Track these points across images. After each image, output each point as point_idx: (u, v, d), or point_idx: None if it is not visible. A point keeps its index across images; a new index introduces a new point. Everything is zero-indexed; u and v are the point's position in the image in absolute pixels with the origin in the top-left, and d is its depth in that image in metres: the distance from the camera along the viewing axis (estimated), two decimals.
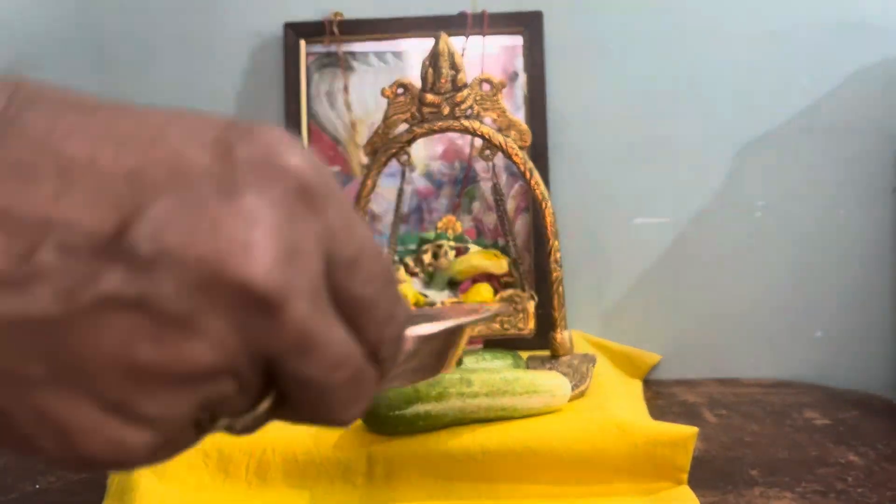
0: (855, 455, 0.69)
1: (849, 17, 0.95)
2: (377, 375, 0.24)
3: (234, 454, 0.63)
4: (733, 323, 0.98)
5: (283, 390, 0.23)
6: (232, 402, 0.22)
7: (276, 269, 0.20)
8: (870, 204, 0.96)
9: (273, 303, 0.20)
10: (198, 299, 0.20)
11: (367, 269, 0.23)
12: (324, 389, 0.22)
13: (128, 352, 0.20)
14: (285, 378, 0.22)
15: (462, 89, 0.74)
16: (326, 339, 0.22)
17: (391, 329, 0.24)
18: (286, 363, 0.21)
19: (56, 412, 0.20)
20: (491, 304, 0.31)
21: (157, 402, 0.20)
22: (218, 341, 0.20)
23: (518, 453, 0.61)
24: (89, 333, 0.20)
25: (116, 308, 0.20)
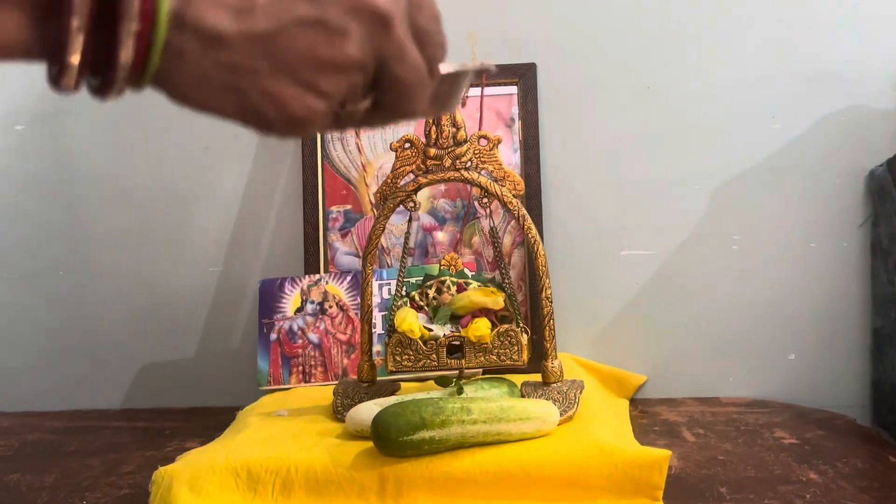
0: (815, 473, 0.76)
1: (818, 68, 1.03)
2: (431, 82, 0.38)
3: (262, 474, 0.71)
4: (713, 346, 1.06)
5: (378, 96, 0.37)
6: (356, 91, 0.36)
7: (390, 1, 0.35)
8: (839, 237, 1.04)
9: (389, 20, 0.35)
10: (351, 18, 0.34)
11: (427, 9, 0.37)
12: (407, 85, 0.37)
13: (313, 51, 0.34)
14: (386, 78, 0.36)
15: (462, 144, 0.82)
16: (411, 51, 0.36)
17: (439, 51, 0.38)
18: (390, 65, 0.36)
19: (275, 90, 0.34)
20: None
21: (329, 83, 0.34)
22: (360, 44, 0.34)
23: (513, 474, 0.69)
24: (291, 41, 0.33)
25: (305, 25, 0.33)
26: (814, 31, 1.03)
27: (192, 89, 0.34)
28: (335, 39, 0.34)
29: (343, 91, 0.35)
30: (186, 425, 0.99)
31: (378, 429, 0.69)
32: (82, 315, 1.13)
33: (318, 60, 0.34)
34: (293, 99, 0.34)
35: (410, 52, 0.36)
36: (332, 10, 0.34)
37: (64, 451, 0.92)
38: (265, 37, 0.33)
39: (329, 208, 1.06)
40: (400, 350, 0.80)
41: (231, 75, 0.33)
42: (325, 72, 0.34)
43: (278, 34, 0.33)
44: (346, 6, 0.34)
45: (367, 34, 0.34)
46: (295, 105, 0.34)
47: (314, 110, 0.35)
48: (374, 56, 0.35)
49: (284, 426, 0.81)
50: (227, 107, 0.34)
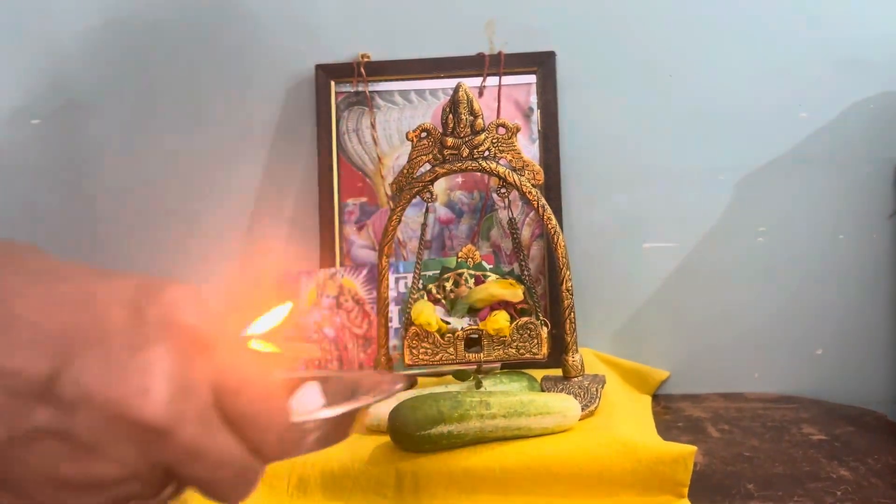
0: (846, 470, 0.74)
1: (846, 53, 1.00)
2: (262, 465, 0.31)
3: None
4: (738, 340, 1.04)
5: (181, 484, 0.30)
6: (140, 493, 0.29)
7: (168, 406, 0.27)
8: (867, 229, 1.01)
9: (164, 430, 0.28)
10: (106, 431, 0.27)
11: (249, 393, 0.30)
12: (212, 483, 0.30)
13: (52, 469, 0.27)
14: (181, 477, 0.29)
15: (480, 133, 0.80)
16: (212, 448, 0.29)
17: (271, 433, 0.31)
18: (180, 468, 0.29)
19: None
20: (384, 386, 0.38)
21: (79, 500, 0.28)
22: (122, 460, 0.28)
23: (533, 470, 0.67)
24: (25, 453, 0.27)
25: (45, 437, 0.27)
26: (842, 15, 1.00)
27: None
28: (83, 457, 0.27)
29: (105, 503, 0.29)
30: None
31: (395, 423, 0.68)
32: None
33: (58, 479, 0.27)
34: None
35: (211, 449, 0.29)
36: (82, 423, 0.27)
37: None
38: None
39: (344, 201, 1.05)
40: (417, 343, 0.79)
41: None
42: (69, 491, 0.28)
43: (8, 446, 0.27)
44: (102, 418, 0.27)
45: (135, 448, 0.28)
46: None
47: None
48: (151, 465, 0.28)
49: None
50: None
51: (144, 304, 0.29)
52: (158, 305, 0.29)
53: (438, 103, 1.03)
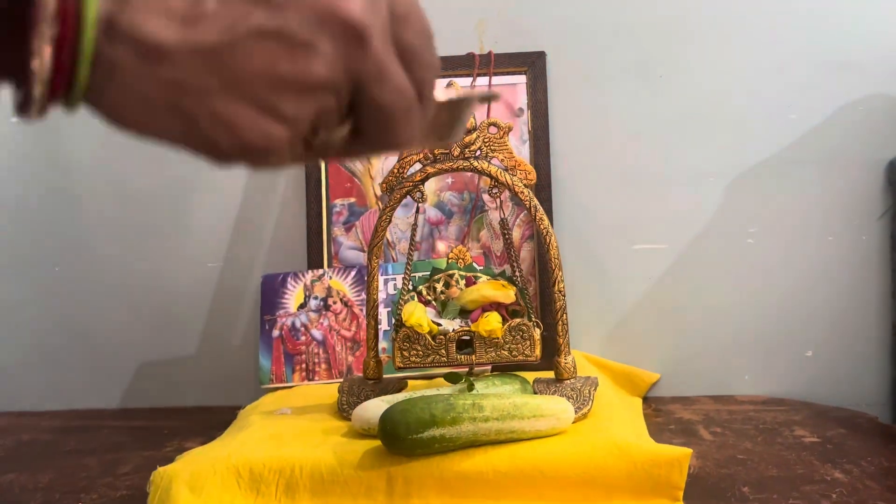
0: (840, 472, 0.74)
1: (835, 56, 1.00)
2: (422, 111, 0.33)
3: (265, 474, 0.68)
4: (728, 342, 1.03)
5: (358, 122, 0.32)
6: (330, 116, 0.31)
7: (366, 11, 0.29)
8: (857, 230, 1.01)
9: (364, 35, 0.29)
10: (316, 29, 0.29)
11: (415, 23, 0.32)
12: (390, 112, 0.31)
13: (272, 68, 0.28)
14: (364, 103, 0.31)
15: (471, 132, 0.79)
16: (394, 72, 0.31)
17: (430, 73, 0.33)
18: (367, 88, 0.30)
19: (227, 113, 0.29)
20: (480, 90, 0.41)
21: (293, 105, 0.29)
22: (329, 61, 0.29)
23: (526, 473, 0.66)
24: (245, 55, 0.28)
25: (263, 37, 0.28)
26: (831, 18, 1.00)
27: (131, 110, 0.28)
28: (298, 55, 0.28)
29: (310, 116, 0.30)
30: (186, 425, 0.96)
31: (386, 426, 0.67)
32: (79, 312, 1.10)
33: (278, 79, 0.28)
34: (249, 124, 0.29)
35: (393, 72, 0.31)
36: (294, 21, 0.28)
37: (60, 451, 0.89)
38: (215, 50, 0.28)
39: (333, 201, 1.03)
40: (408, 345, 0.77)
41: (175, 95, 0.28)
42: (287, 93, 0.29)
43: (231, 47, 0.28)
44: (312, 16, 0.28)
45: (339, 50, 0.29)
46: (251, 131, 0.29)
47: (274, 138, 0.29)
48: (347, 76, 0.30)
49: (288, 425, 0.78)
50: (171, 132, 0.29)
51: None
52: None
53: None
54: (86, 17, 0.26)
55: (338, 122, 0.31)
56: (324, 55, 0.29)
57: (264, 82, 0.28)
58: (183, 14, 0.27)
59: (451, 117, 0.37)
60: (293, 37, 0.28)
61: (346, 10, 0.29)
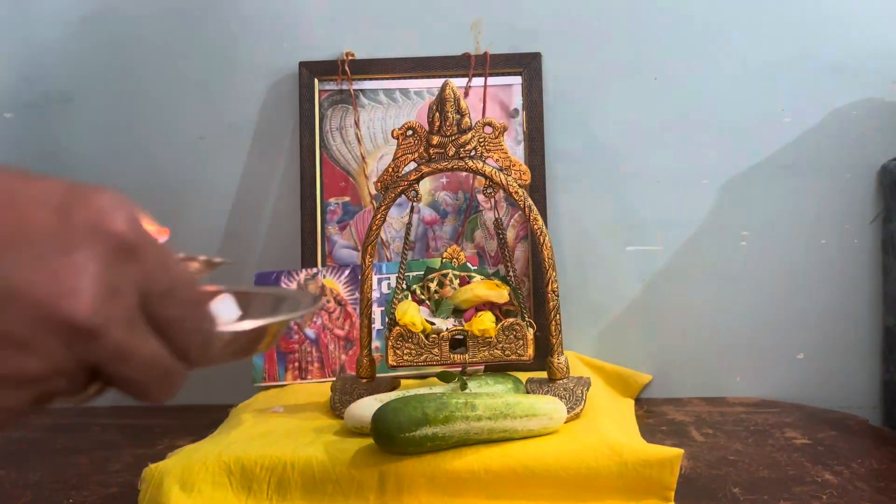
0: (831, 474, 0.74)
1: (829, 60, 1.01)
2: (186, 368, 0.32)
3: (257, 472, 0.68)
4: (720, 345, 1.04)
5: (108, 382, 0.30)
6: (65, 391, 0.29)
7: (97, 307, 0.27)
8: (849, 234, 1.02)
9: (93, 331, 0.27)
10: (36, 329, 0.27)
11: (177, 297, 0.30)
12: (140, 383, 0.30)
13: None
14: (108, 376, 0.29)
15: (466, 132, 0.79)
16: (139, 350, 0.29)
17: (197, 337, 0.31)
18: (108, 367, 0.29)
19: None
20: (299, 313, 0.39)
21: (6, 395, 0.27)
22: (50, 356, 0.27)
23: (518, 473, 0.66)
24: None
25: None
26: (825, 22, 1.01)
27: None
28: (10, 354, 0.27)
29: (31, 399, 0.28)
30: (177, 423, 0.96)
31: (378, 425, 0.67)
32: None
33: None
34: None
35: (137, 350, 0.29)
36: (9, 320, 0.26)
37: (50, 449, 0.88)
38: None
39: (327, 200, 1.03)
40: (401, 344, 0.77)
41: None
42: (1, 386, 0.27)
43: None
44: (31, 316, 0.27)
45: (63, 346, 0.27)
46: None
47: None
48: (78, 364, 0.28)
49: (280, 423, 0.78)
50: None
51: (72, 208, 0.28)
52: (86, 210, 0.28)
53: (423, 103, 1.02)
54: None
55: (78, 390, 0.30)
56: (43, 352, 0.27)
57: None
58: None
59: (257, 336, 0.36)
60: (6, 336, 0.26)
61: (72, 312, 0.27)
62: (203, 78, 1.07)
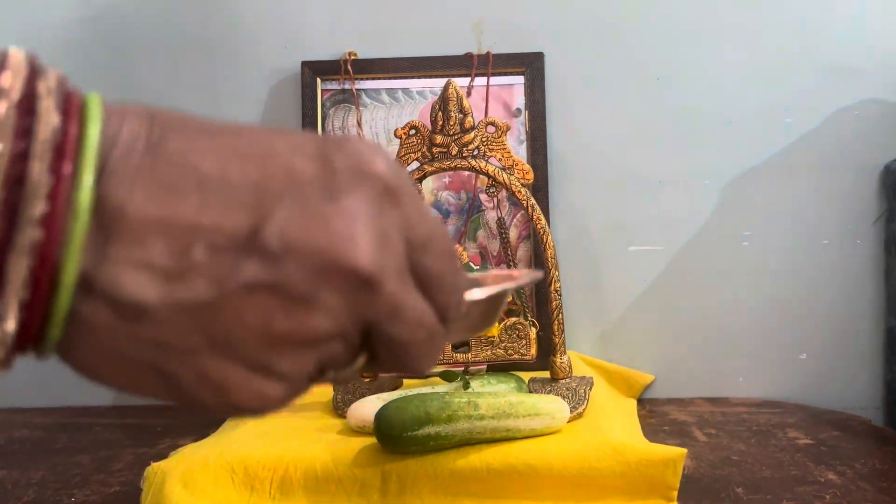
0: (834, 474, 0.74)
1: (832, 60, 1.01)
2: (444, 331, 0.30)
3: (259, 471, 0.68)
4: (722, 345, 1.04)
5: (374, 349, 0.29)
6: (339, 359, 0.28)
7: (375, 255, 0.26)
8: (851, 234, 1.02)
9: (374, 281, 0.26)
10: (318, 281, 0.25)
11: (437, 248, 0.29)
12: (408, 346, 0.28)
13: (267, 324, 0.25)
14: (379, 339, 0.28)
15: (469, 131, 0.80)
16: (410, 307, 0.28)
17: (455, 296, 0.30)
18: (381, 327, 0.27)
19: (214, 373, 0.26)
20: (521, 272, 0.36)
21: (290, 362, 0.26)
22: (333, 313, 0.26)
23: (521, 472, 0.66)
24: (236, 311, 0.25)
25: (256, 291, 0.25)
26: (827, 22, 1.01)
27: (105, 367, 0.26)
28: (297, 309, 0.25)
29: (311, 367, 0.27)
30: (179, 423, 0.96)
31: (381, 424, 0.67)
32: None
33: (273, 336, 0.26)
34: (239, 384, 0.26)
35: (410, 308, 0.28)
36: (293, 273, 0.25)
37: (52, 448, 0.88)
38: (202, 307, 0.25)
39: None
40: None
41: (156, 355, 0.25)
42: (283, 350, 0.26)
43: (219, 304, 0.25)
44: (313, 267, 0.25)
45: (345, 300, 0.26)
46: (241, 392, 0.26)
47: (267, 397, 0.27)
48: (356, 322, 0.27)
49: (282, 422, 0.78)
50: (150, 389, 0.27)
51: (331, 154, 0.27)
52: (346, 155, 0.27)
53: (426, 103, 1.02)
54: (62, 282, 0.24)
55: (348, 360, 0.29)
56: (327, 308, 0.26)
57: (257, 340, 0.26)
58: (167, 269, 0.24)
59: (490, 308, 0.34)
60: (291, 291, 0.25)
61: (353, 260, 0.26)
62: (204, 78, 1.07)
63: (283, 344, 0.26)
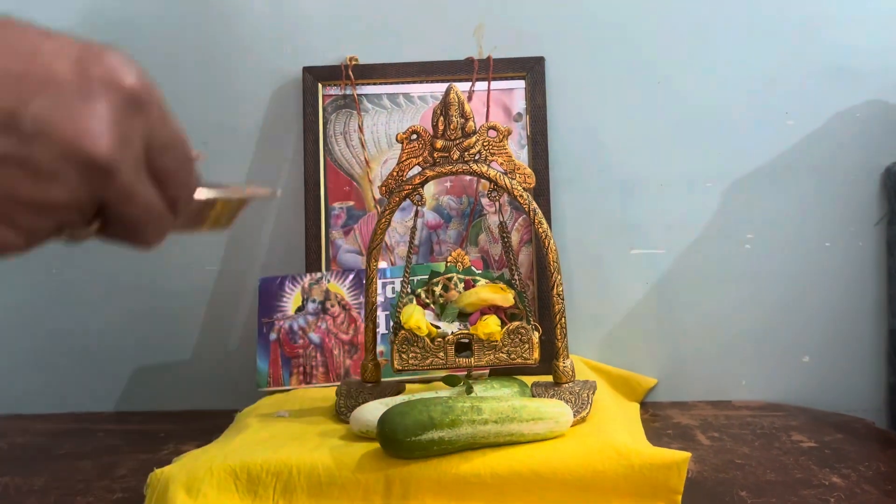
0: (838, 477, 0.74)
1: (833, 63, 1.01)
2: (173, 218, 0.36)
3: (262, 476, 0.68)
4: (725, 348, 1.04)
5: (106, 224, 0.34)
6: (73, 225, 0.33)
7: (113, 149, 0.31)
8: (853, 236, 1.02)
9: (109, 169, 0.31)
10: (61, 162, 0.30)
11: (173, 151, 0.34)
12: (136, 223, 0.34)
13: (13, 189, 0.30)
14: (111, 216, 0.33)
15: (471, 136, 0.79)
16: (142, 194, 0.33)
17: (185, 191, 0.36)
18: (114, 206, 0.33)
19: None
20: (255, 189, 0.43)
21: (29, 219, 0.31)
22: (71, 189, 0.31)
23: (525, 476, 0.66)
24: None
25: (7, 163, 0.30)
26: (828, 25, 1.01)
27: None
28: (40, 181, 0.30)
29: (49, 228, 0.32)
30: (182, 428, 0.96)
31: (384, 429, 0.66)
32: (75, 314, 1.10)
33: (17, 199, 0.30)
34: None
35: (141, 194, 0.33)
36: (40, 152, 0.30)
37: (55, 455, 0.88)
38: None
39: (331, 205, 1.03)
40: (406, 348, 0.77)
41: None
42: (24, 210, 0.31)
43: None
44: (59, 150, 0.30)
45: (83, 179, 0.31)
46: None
47: (8, 242, 0.31)
48: (91, 198, 0.32)
49: (285, 427, 0.78)
50: None
51: (88, 62, 0.31)
52: (101, 65, 0.32)
53: (427, 107, 1.02)
54: None
55: (83, 225, 0.33)
56: (66, 183, 0.31)
57: (6, 200, 0.30)
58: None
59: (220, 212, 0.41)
60: (36, 166, 0.30)
61: (93, 150, 0.31)
62: (206, 83, 1.07)
63: (24, 206, 0.31)
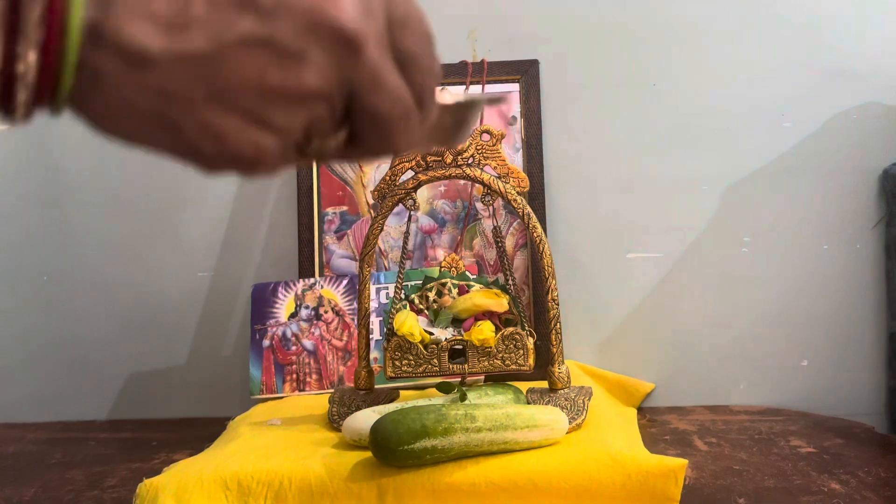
0: (837, 483, 0.73)
1: (830, 64, 1.00)
2: (420, 116, 0.32)
3: (253, 486, 0.67)
4: (723, 352, 1.03)
5: (353, 129, 0.31)
6: (324, 125, 0.30)
7: (359, 18, 0.29)
8: (851, 239, 1.01)
9: (357, 43, 0.29)
10: (307, 37, 0.28)
11: (415, 28, 0.31)
12: (386, 120, 0.31)
13: (261, 77, 0.28)
14: (359, 111, 0.30)
15: None
16: (389, 80, 0.30)
17: (430, 79, 0.32)
18: (362, 96, 0.30)
19: (214, 122, 0.28)
20: None
21: (282, 115, 0.29)
22: (320, 70, 0.29)
23: (519, 485, 0.65)
24: (233, 64, 0.28)
25: (251, 45, 0.28)
26: (825, 27, 1.00)
27: (115, 118, 0.28)
28: (288, 64, 0.28)
29: (301, 125, 0.30)
30: (174, 436, 0.95)
31: (377, 437, 0.65)
32: (67, 322, 1.09)
33: (267, 89, 0.28)
34: (235, 133, 0.28)
35: (389, 80, 0.30)
36: (284, 29, 0.28)
37: (45, 464, 0.87)
38: (201, 58, 0.27)
39: (325, 210, 1.02)
40: (399, 355, 0.76)
41: (161, 103, 0.27)
42: (276, 103, 0.28)
43: (218, 55, 0.27)
44: (303, 24, 0.28)
45: (331, 58, 0.29)
46: (239, 141, 0.29)
47: (263, 148, 0.29)
48: (340, 85, 0.29)
49: (277, 436, 0.77)
50: (157, 140, 0.29)
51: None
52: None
53: None
54: (71, 24, 0.26)
55: (332, 129, 0.31)
56: (315, 64, 0.28)
57: (253, 92, 0.28)
58: (169, 21, 0.27)
59: (456, 120, 0.36)
60: (283, 46, 0.28)
61: (338, 17, 0.28)
62: None
63: (275, 97, 0.28)
